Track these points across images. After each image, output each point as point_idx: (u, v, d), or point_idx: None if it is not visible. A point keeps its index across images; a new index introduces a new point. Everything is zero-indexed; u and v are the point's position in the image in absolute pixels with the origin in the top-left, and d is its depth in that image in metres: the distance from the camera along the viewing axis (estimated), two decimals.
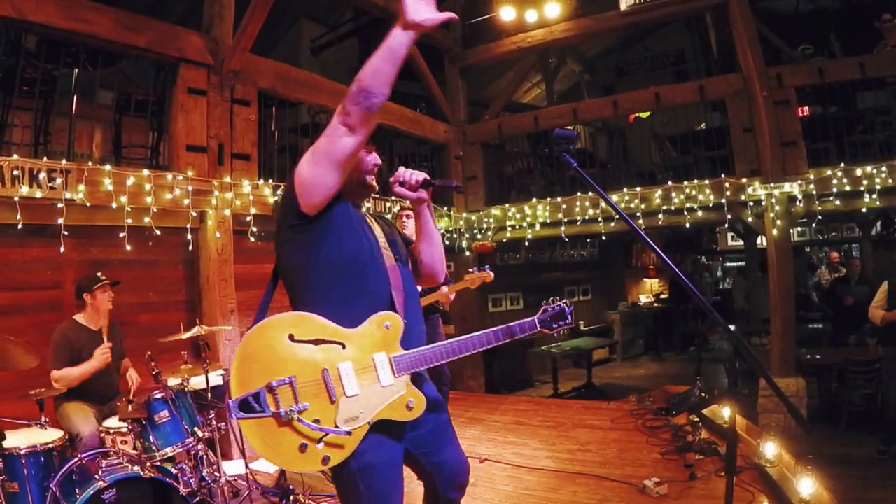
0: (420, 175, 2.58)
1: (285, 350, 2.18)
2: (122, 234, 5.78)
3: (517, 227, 10.46)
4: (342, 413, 2.18)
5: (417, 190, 2.59)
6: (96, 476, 3.74)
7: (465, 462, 2.74)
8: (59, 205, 5.34)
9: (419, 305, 2.63)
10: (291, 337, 2.20)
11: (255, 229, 6.98)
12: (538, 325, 2.70)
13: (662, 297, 17.30)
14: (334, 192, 2.31)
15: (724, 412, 6.31)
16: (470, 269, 5.76)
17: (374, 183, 2.61)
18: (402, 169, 2.61)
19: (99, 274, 5.04)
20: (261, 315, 2.39)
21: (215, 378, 5.28)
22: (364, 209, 2.68)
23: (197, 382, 4.94)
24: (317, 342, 2.22)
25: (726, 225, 9.31)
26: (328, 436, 2.15)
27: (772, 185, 8.33)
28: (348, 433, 2.17)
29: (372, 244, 2.49)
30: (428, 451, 2.58)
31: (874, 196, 7.92)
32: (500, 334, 2.61)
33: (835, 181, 8.08)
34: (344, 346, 2.25)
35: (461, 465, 2.71)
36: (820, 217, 8.60)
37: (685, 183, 9.02)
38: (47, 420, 4.23)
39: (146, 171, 6.03)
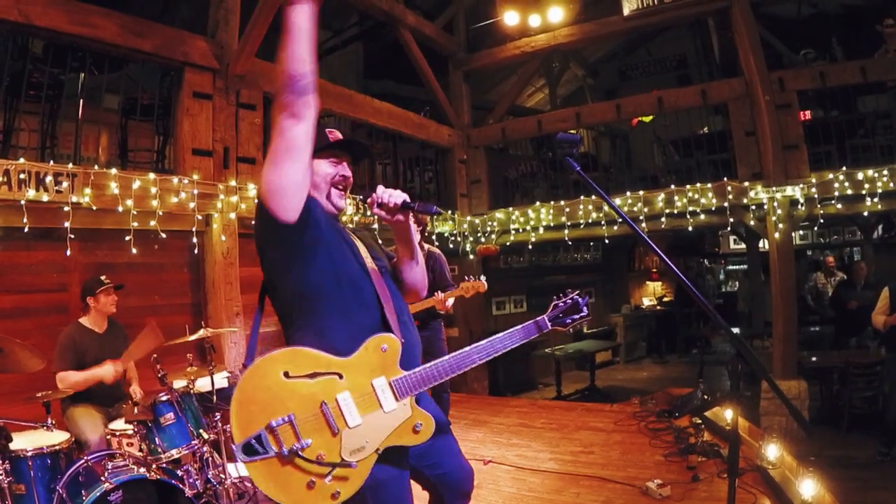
0: (399, 197, 2.45)
1: (281, 388, 2.11)
2: (127, 238, 5.80)
3: (521, 230, 10.48)
4: (346, 445, 2.13)
5: (396, 212, 2.47)
6: (102, 478, 3.75)
7: (469, 469, 2.71)
8: (66, 208, 5.37)
9: (410, 315, 2.55)
10: (286, 374, 2.13)
11: None
12: (549, 325, 2.61)
13: (665, 299, 17.31)
14: (303, 189, 2.22)
15: (727, 414, 6.32)
16: (467, 277, 5.77)
17: (342, 201, 2.53)
18: (380, 189, 2.48)
19: (103, 277, 5.07)
20: (251, 347, 2.37)
21: (220, 380, 5.31)
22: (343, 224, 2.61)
23: (202, 385, 4.96)
24: (312, 376, 2.15)
25: (728, 228, 9.32)
26: (335, 470, 2.10)
27: (774, 188, 8.34)
28: (354, 465, 2.13)
29: (358, 256, 2.45)
30: (431, 464, 2.55)
31: (876, 199, 7.94)
32: (507, 341, 2.50)
33: (836, 185, 8.10)
34: (341, 377, 2.17)
35: (465, 474, 2.68)
36: (822, 220, 8.60)
37: (688, 186, 9.03)
38: (54, 422, 4.24)
39: (152, 175, 6.05)
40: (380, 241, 2.80)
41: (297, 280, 2.29)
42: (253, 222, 2.45)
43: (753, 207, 8.65)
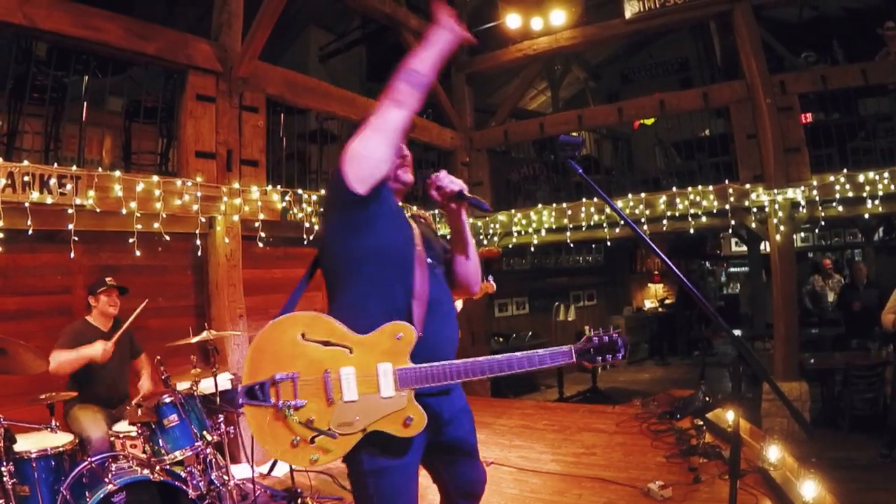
0: (456, 185, 2.52)
1: (295, 347, 2.21)
2: (131, 240, 5.83)
3: (523, 232, 10.50)
4: (336, 417, 2.19)
5: (451, 200, 2.55)
6: (106, 479, 3.76)
7: (484, 474, 2.73)
8: (70, 210, 5.38)
9: (451, 308, 2.55)
10: (303, 335, 2.22)
11: (263, 235, 7.02)
12: (574, 357, 2.35)
13: (667, 302, 17.31)
14: (383, 169, 2.31)
15: (728, 416, 6.33)
16: None
17: (408, 176, 2.62)
18: (442, 173, 2.58)
19: (107, 279, 5.08)
20: (289, 307, 2.41)
21: (224, 382, 5.32)
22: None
23: (206, 386, 4.97)
24: (326, 343, 2.23)
25: (730, 230, 9.34)
26: (319, 437, 2.17)
27: (775, 191, 8.36)
28: (336, 437, 2.18)
29: (411, 242, 2.47)
30: (449, 460, 2.58)
31: (877, 202, 7.95)
32: (523, 361, 2.34)
33: (837, 187, 8.11)
34: (351, 351, 2.24)
35: (479, 477, 2.70)
36: (823, 223, 8.62)
37: (689, 189, 9.05)
38: (58, 424, 4.26)
39: (155, 178, 6.08)
40: (438, 233, 2.83)
41: (350, 248, 2.36)
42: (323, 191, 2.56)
43: (755, 210, 8.66)
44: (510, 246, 10.94)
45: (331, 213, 2.47)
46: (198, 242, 6.52)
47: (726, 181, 8.85)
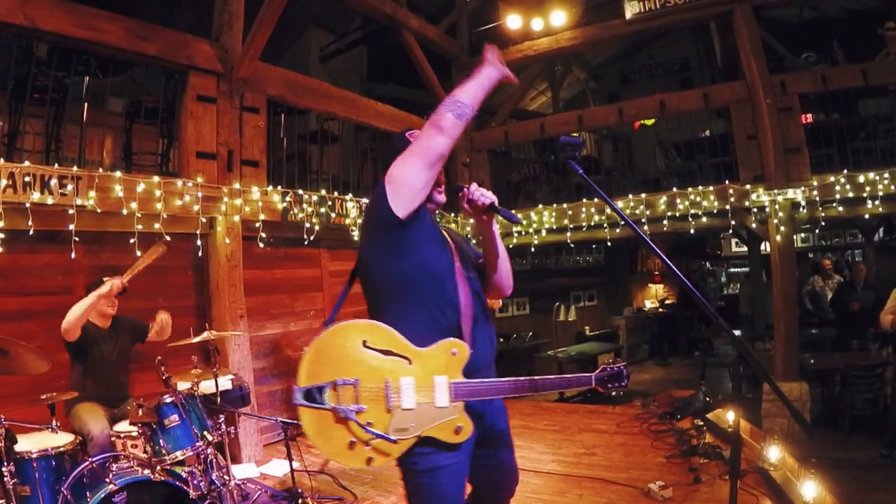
0: (488, 198, 2.62)
1: (357, 354, 2.31)
2: (132, 240, 5.83)
3: (523, 233, 10.49)
4: (394, 423, 2.29)
5: (482, 212, 2.64)
6: (107, 479, 3.76)
7: (517, 471, 2.85)
8: (70, 211, 5.40)
9: (489, 317, 2.69)
10: (364, 343, 2.32)
11: (263, 235, 7.02)
12: (593, 383, 2.64)
13: (667, 302, 17.30)
14: (424, 194, 2.40)
15: (729, 416, 6.34)
16: None
17: (442, 196, 2.67)
18: (474, 186, 2.67)
19: (105, 278, 5.04)
20: (334, 313, 2.53)
21: (225, 382, 5.33)
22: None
23: (206, 387, 4.97)
24: (386, 353, 2.33)
25: (730, 231, 9.33)
26: (376, 440, 2.27)
27: (775, 191, 8.36)
28: (395, 442, 2.28)
29: (451, 258, 2.58)
30: (491, 453, 2.68)
31: (877, 202, 7.95)
32: (556, 382, 2.78)
33: (838, 188, 8.11)
34: (410, 362, 2.34)
35: (514, 473, 2.83)
36: (823, 223, 8.62)
37: (690, 189, 9.05)
38: (58, 424, 4.26)
39: (156, 178, 6.09)
40: (471, 241, 2.91)
41: (392, 269, 2.44)
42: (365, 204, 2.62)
43: (755, 210, 8.66)
44: (510, 246, 10.91)
45: (371, 232, 2.51)
46: (198, 243, 6.53)
47: (726, 182, 8.85)
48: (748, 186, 8.66)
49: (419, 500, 2.43)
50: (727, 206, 8.74)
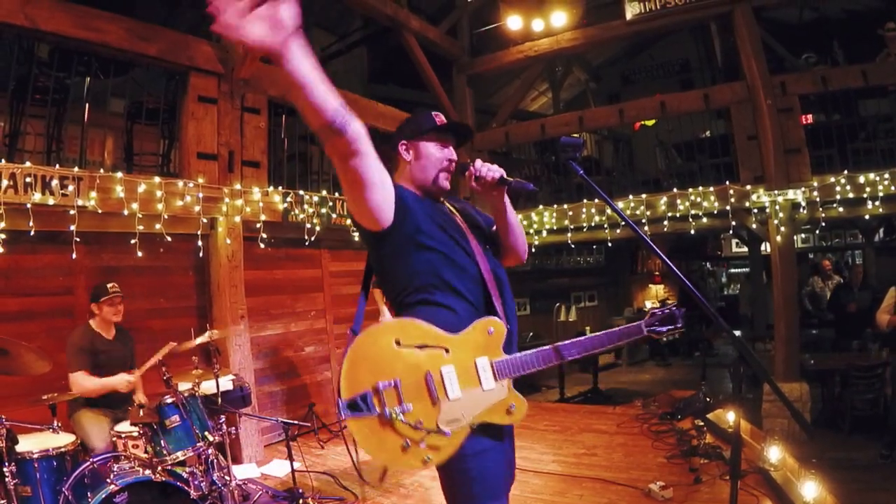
0: (496, 172, 2.50)
1: (392, 354, 2.24)
2: (133, 241, 5.85)
3: (524, 233, 10.48)
4: (444, 415, 2.23)
5: (492, 188, 2.53)
6: (108, 480, 3.78)
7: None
8: (72, 212, 5.41)
9: (511, 293, 2.58)
10: (397, 342, 2.25)
11: (264, 236, 7.03)
12: (644, 330, 2.51)
13: (668, 302, 17.29)
14: (389, 202, 2.26)
15: (729, 417, 6.35)
16: None
17: (446, 184, 2.59)
18: (478, 163, 2.54)
19: (109, 285, 5.01)
20: (358, 321, 2.48)
21: (226, 383, 5.34)
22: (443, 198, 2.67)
23: (207, 387, 4.98)
24: (421, 347, 2.26)
25: (731, 231, 9.33)
26: (429, 436, 2.20)
27: (776, 192, 8.36)
28: (448, 435, 2.22)
29: (462, 237, 2.48)
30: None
31: (877, 203, 7.95)
32: (604, 339, 2.49)
33: (838, 188, 8.12)
34: (447, 351, 2.28)
35: (513, 468, 2.69)
36: (823, 224, 8.62)
37: (690, 190, 9.06)
38: (59, 424, 4.27)
39: (157, 179, 6.10)
40: (478, 209, 2.81)
41: (404, 269, 2.39)
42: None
43: (755, 211, 8.67)
44: None
45: (373, 248, 2.45)
46: (199, 243, 6.53)
47: (727, 182, 8.86)
48: (748, 187, 8.66)
49: (465, 486, 2.33)
50: (727, 207, 8.74)
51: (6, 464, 3.52)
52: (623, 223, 6.63)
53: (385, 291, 2.52)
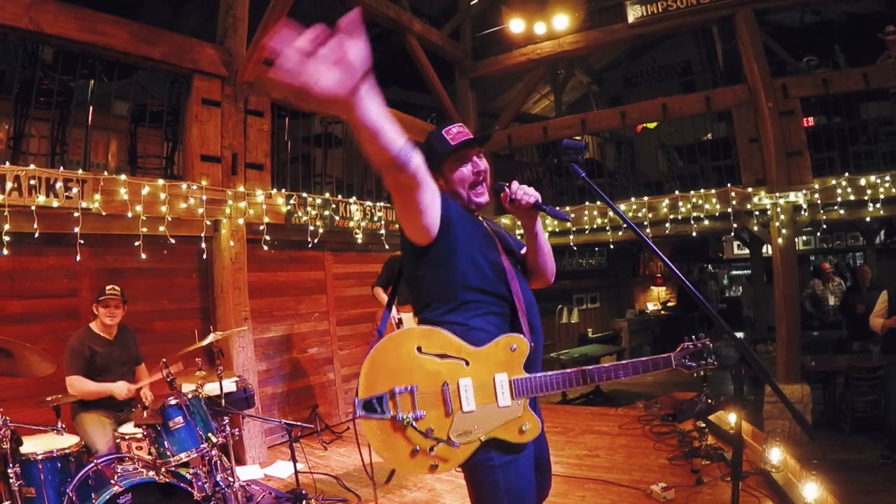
0: (532, 197, 2.54)
1: (412, 361, 2.26)
2: (137, 243, 5.86)
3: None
4: (456, 427, 2.24)
5: (526, 210, 2.57)
6: (112, 481, 3.79)
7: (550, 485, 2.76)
8: (76, 214, 5.42)
9: (537, 313, 2.60)
10: (419, 349, 2.27)
11: (268, 238, 7.06)
12: (674, 363, 2.46)
13: (669, 304, 17.32)
14: (437, 217, 2.26)
15: (730, 418, 6.35)
16: None
17: (483, 198, 2.64)
18: (514, 185, 2.59)
19: (108, 287, 5.01)
20: (383, 325, 2.53)
21: (229, 385, 5.34)
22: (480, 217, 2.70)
23: (211, 389, 4.99)
24: (442, 356, 2.28)
25: (732, 234, 9.33)
26: (438, 446, 2.22)
27: (777, 194, 8.37)
28: (457, 446, 2.23)
29: (496, 254, 2.51)
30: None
31: (878, 205, 7.97)
32: (628, 369, 2.45)
33: (839, 191, 8.13)
34: (467, 363, 2.29)
35: (548, 484, 2.73)
36: (824, 226, 8.63)
37: (692, 192, 9.08)
38: (64, 426, 4.27)
39: (161, 181, 6.11)
40: (513, 233, 2.87)
41: (441, 278, 2.40)
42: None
43: (757, 213, 8.68)
44: None
45: (414, 257, 2.44)
46: (203, 246, 6.55)
47: (728, 185, 8.88)
48: (750, 189, 8.67)
49: (492, 498, 2.31)
50: (729, 209, 8.76)
51: (10, 465, 3.53)
52: (625, 225, 6.63)
53: (414, 301, 2.54)
